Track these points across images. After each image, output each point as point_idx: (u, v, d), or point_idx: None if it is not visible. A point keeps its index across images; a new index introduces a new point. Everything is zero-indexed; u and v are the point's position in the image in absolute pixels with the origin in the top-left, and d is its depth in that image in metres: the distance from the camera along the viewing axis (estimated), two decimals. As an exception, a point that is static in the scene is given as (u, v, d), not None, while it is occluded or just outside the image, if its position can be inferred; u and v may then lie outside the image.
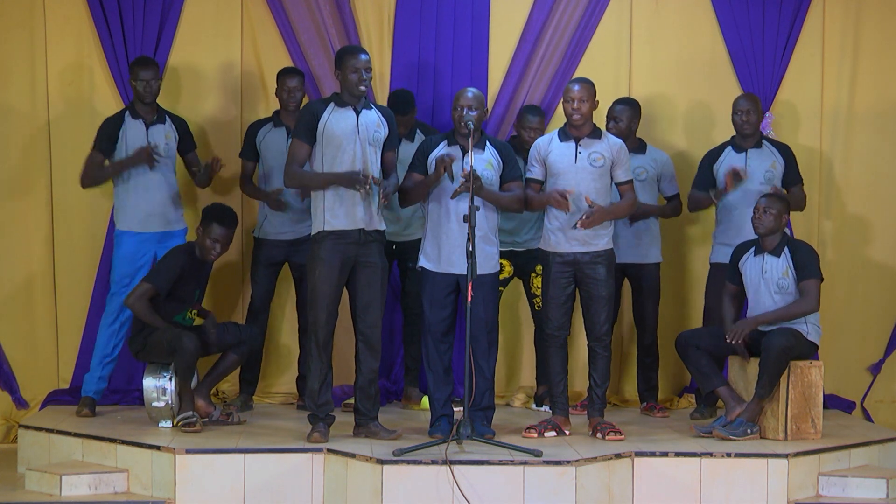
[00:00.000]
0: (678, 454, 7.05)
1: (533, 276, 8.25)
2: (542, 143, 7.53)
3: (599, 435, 7.38)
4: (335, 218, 7.09)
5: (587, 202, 7.31)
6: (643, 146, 8.39)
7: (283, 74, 8.31)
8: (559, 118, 8.37)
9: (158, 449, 6.98)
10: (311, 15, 8.69)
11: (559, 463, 6.72)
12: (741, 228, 8.02)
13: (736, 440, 7.29)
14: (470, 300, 6.95)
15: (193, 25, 8.65)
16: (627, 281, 8.39)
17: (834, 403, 8.67)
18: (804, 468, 7.10)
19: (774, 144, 8.29)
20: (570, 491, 6.69)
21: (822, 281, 7.59)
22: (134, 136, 8.03)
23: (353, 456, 6.82)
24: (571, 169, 7.39)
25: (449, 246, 7.28)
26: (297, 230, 8.19)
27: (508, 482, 6.69)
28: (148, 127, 8.06)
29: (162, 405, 7.56)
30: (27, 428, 7.67)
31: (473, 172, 7.02)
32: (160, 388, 7.56)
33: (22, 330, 8.57)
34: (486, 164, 7.35)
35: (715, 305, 7.97)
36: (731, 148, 8.22)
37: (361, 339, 7.22)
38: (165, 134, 8.10)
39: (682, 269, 8.87)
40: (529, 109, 8.31)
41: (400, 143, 7.72)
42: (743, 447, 7.16)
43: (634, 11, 8.87)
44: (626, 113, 8.26)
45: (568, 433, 7.47)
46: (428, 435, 7.26)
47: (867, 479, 7.14)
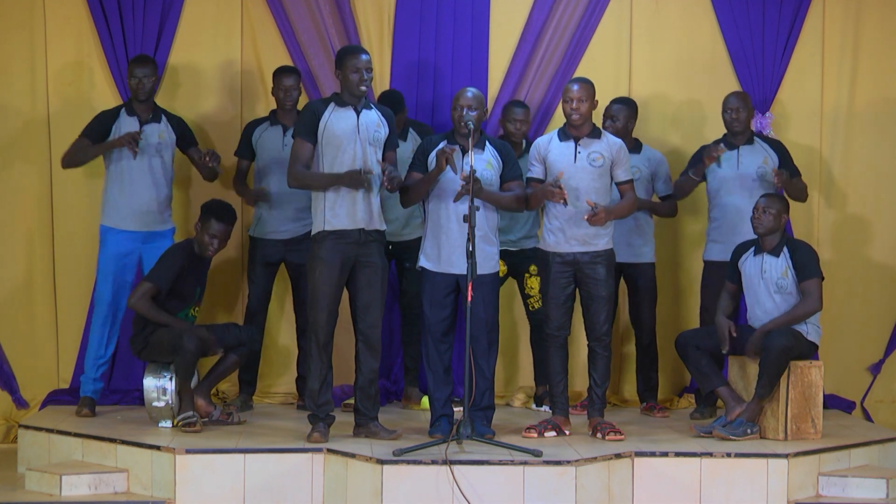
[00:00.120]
0: (678, 454, 7.05)
1: (527, 276, 8.25)
2: (541, 142, 7.54)
3: (599, 435, 7.38)
4: (336, 218, 7.08)
5: (588, 203, 7.32)
6: (638, 145, 8.39)
7: (279, 73, 8.30)
8: (559, 118, 8.37)
9: (158, 449, 6.98)
10: (311, 15, 8.69)
11: (559, 463, 6.72)
12: (735, 226, 8.04)
13: (736, 440, 7.29)
14: (470, 300, 6.95)
15: (193, 25, 8.65)
16: (624, 281, 8.39)
17: (834, 403, 8.66)
18: (804, 468, 7.10)
19: (766, 141, 8.30)
20: (570, 491, 6.69)
21: (822, 280, 7.59)
22: (127, 132, 8.00)
23: (353, 456, 6.81)
24: (571, 169, 7.38)
25: (449, 246, 7.28)
26: (292, 229, 8.17)
27: (508, 482, 6.69)
28: (142, 125, 8.04)
29: (162, 405, 7.56)
30: (27, 428, 7.67)
31: (473, 174, 7.03)
32: (160, 387, 7.56)
33: (22, 330, 8.57)
34: (485, 163, 7.35)
35: (711, 304, 7.98)
36: (723, 144, 8.23)
37: (361, 339, 7.21)
38: (159, 133, 8.07)
39: (677, 268, 8.87)
40: (514, 102, 8.34)
41: (396, 143, 7.73)
42: (743, 447, 7.16)
43: (634, 11, 8.88)
44: (623, 112, 8.26)
45: (568, 433, 7.47)
46: (428, 435, 7.26)
47: (867, 479, 7.14)
